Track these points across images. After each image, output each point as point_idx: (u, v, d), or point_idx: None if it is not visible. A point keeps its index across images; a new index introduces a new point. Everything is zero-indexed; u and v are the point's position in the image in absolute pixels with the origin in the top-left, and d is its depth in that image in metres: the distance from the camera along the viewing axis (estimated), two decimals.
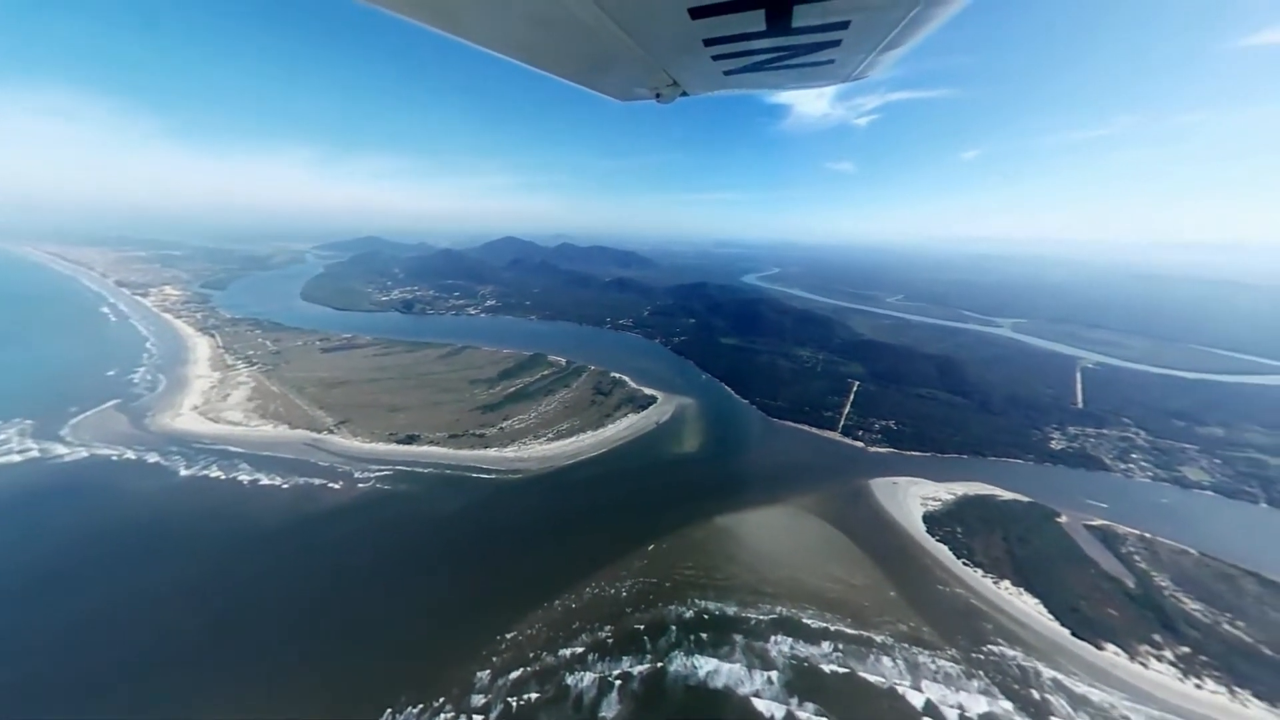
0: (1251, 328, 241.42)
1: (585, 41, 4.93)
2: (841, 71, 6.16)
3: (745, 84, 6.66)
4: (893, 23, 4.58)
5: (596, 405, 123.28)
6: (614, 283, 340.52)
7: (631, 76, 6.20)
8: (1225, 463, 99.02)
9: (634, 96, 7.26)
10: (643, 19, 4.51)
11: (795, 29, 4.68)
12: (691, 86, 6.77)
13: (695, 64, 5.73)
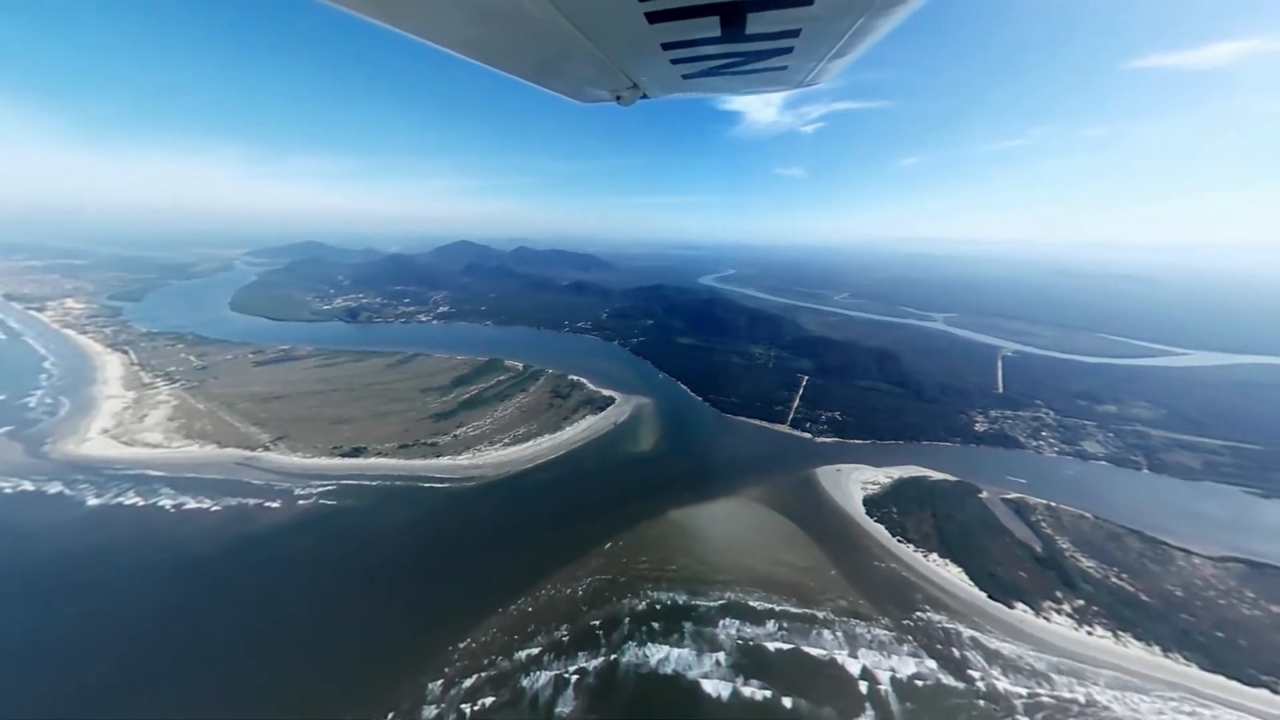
0: (1144, 317, 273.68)
1: (541, 42, 4.85)
2: (794, 77, 6.36)
3: (703, 88, 6.74)
4: (840, 32, 4.80)
5: (554, 408, 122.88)
6: (572, 286, 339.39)
7: (590, 78, 6.13)
8: (1116, 436, 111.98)
9: (594, 98, 7.16)
10: (601, 22, 4.49)
11: (750, 35, 4.81)
12: (651, 89, 6.77)
13: (654, 67, 5.78)
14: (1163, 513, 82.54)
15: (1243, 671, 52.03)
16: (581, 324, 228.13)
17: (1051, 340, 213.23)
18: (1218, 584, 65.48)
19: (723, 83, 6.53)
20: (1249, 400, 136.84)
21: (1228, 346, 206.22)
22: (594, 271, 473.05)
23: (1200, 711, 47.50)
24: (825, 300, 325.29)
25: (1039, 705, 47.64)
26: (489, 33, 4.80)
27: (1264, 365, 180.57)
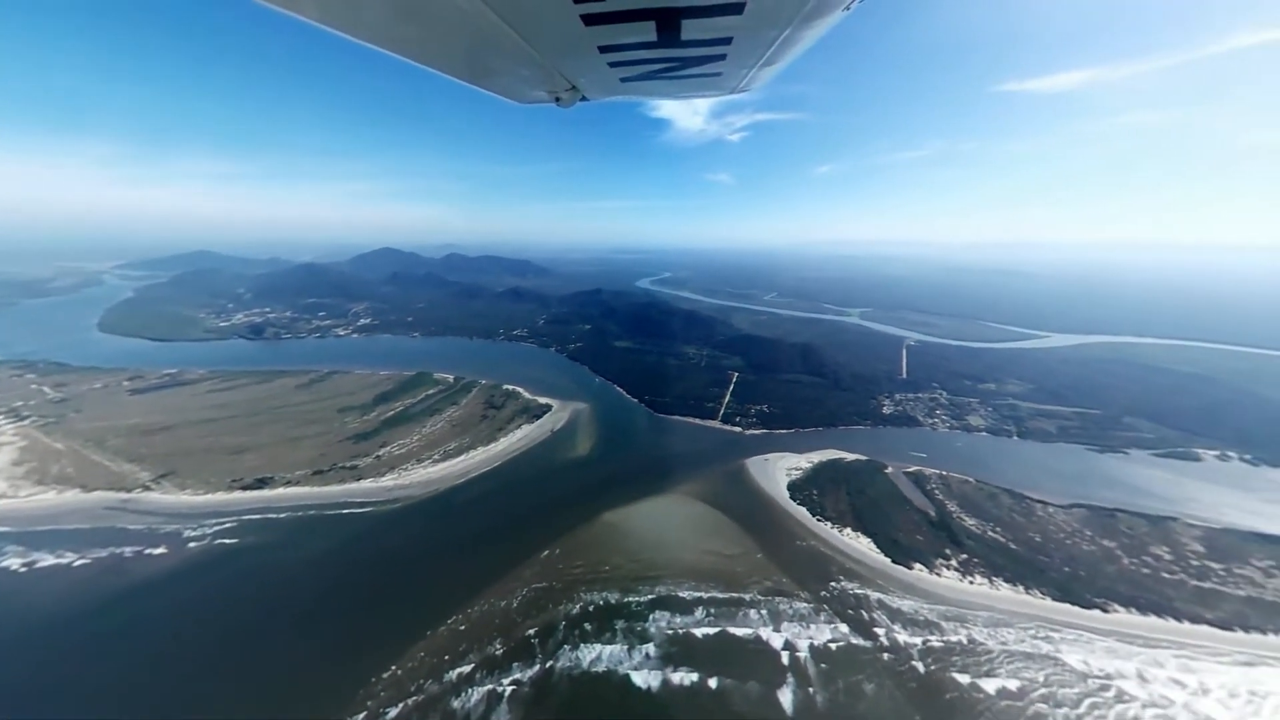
0: (1022, 306, 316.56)
1: (475, 40, 4.70)
2: (728, 83, 6.46)
3: (642, 91, 6.75)
4: (769, 41, 4.99)
5: (488, 420, 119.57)
6: (508, 293, 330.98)
7: (527, 79, 6.03)
8: (994, 410, 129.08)
9: (532, 99, 7.06)
10: (537, 22, 4.43)
11: (685, 41, 4.86)
12: (590, 91, 6.72)
13: (593, 70, 5.73)
14: (1027, 472, 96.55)
15: (1081, 597, 62.54)
16: (518, 331, 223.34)
17: (947, 330, 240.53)
18: (1066, 528, 77.95)
19: (661, 86, 6.66)
20: (1094, 373, 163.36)
21: (1080, 329, 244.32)
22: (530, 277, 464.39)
23: (1051, 634, 56.47)
24: (755, 300, 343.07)
25: (930, 650, 54.14)
26: (417, 29, 4.56)
27: (1106, 344, 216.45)
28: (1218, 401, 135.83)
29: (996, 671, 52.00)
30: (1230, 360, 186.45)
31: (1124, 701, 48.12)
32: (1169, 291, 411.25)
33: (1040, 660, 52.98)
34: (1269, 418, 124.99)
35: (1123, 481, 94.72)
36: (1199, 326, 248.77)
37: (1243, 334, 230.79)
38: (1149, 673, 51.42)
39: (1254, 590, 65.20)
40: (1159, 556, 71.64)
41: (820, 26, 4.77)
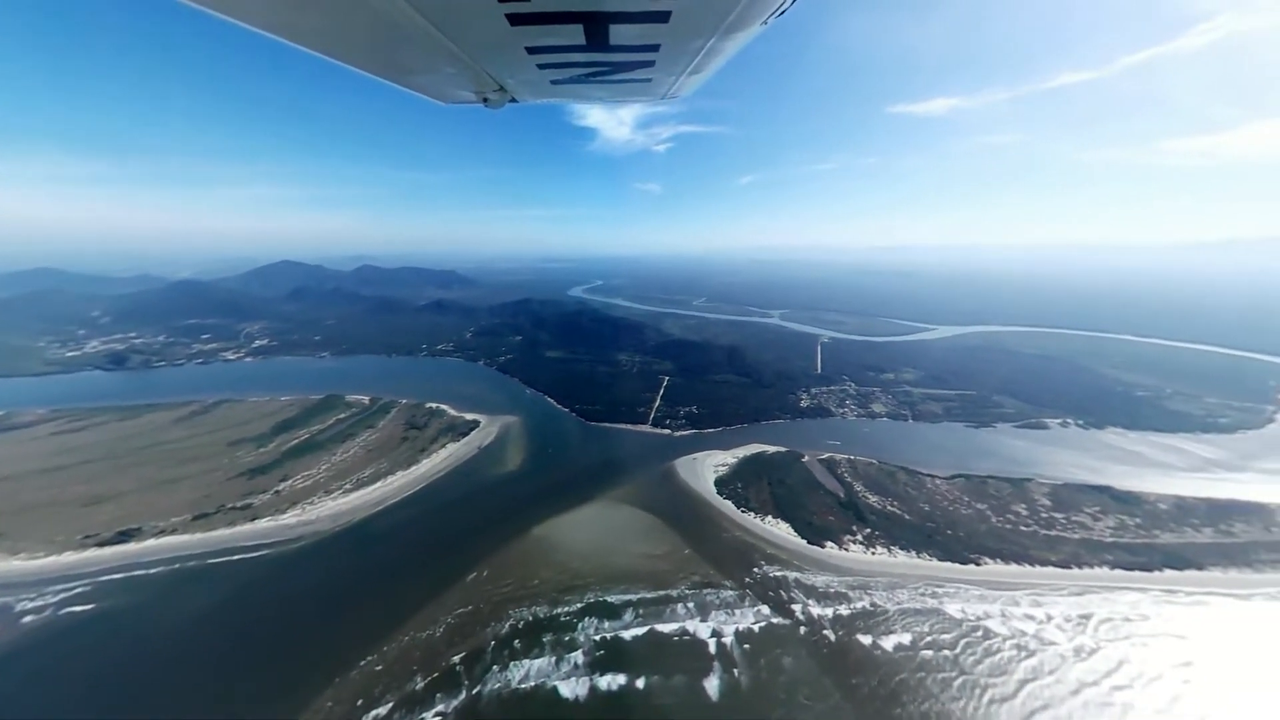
0: (914, 302, 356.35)
1: (394, 37, 4.43)
2: (658, 89, 6.45)
3: (572, 94, 6.64)
4: (695, 50, 5.08)
5: (409, 442, 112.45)
6: (431, 305, 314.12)
7: (452, 78, 5.78)
8: (893, 397, 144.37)
9: (458, 99, 6.81)
10: (459, 21, 4.26)
11: (613, 46, 4.84)
12: (520, 93, 6.58)
13: (522, 71, 5.63)
14: (919, 450, 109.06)
15: (959, 555, 71.89)
16: (442, 346, 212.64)
17: (854, 326, 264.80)
18: (949, 496, 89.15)
19: (592, 90, 6.57)
20: (970, 359, 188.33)
21: (960, 321, 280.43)
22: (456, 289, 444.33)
23: (936, 590, 64.27)
24: (685, 305, 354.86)
25: (839, 619, 59.30)
26: (326, 21, 4.27)
27: (980, 333, 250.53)
28: (1061, 378, 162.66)
29: (893, 629, 58.15)
30: (1072, 343, 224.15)
31: (990, 638, 56.04)
32: (1025, 286, 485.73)
33: (927, 614, 60.08)
34: (1100, 389, 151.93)
35: (992, 452, 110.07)
36: (1048, 315, 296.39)
37: (1081, 320, 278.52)
38: (1009, 611, 60.32)
39: (1086, 533, 78.87)
40: (1018, 513, 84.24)
41: (741, 39, 5.00)
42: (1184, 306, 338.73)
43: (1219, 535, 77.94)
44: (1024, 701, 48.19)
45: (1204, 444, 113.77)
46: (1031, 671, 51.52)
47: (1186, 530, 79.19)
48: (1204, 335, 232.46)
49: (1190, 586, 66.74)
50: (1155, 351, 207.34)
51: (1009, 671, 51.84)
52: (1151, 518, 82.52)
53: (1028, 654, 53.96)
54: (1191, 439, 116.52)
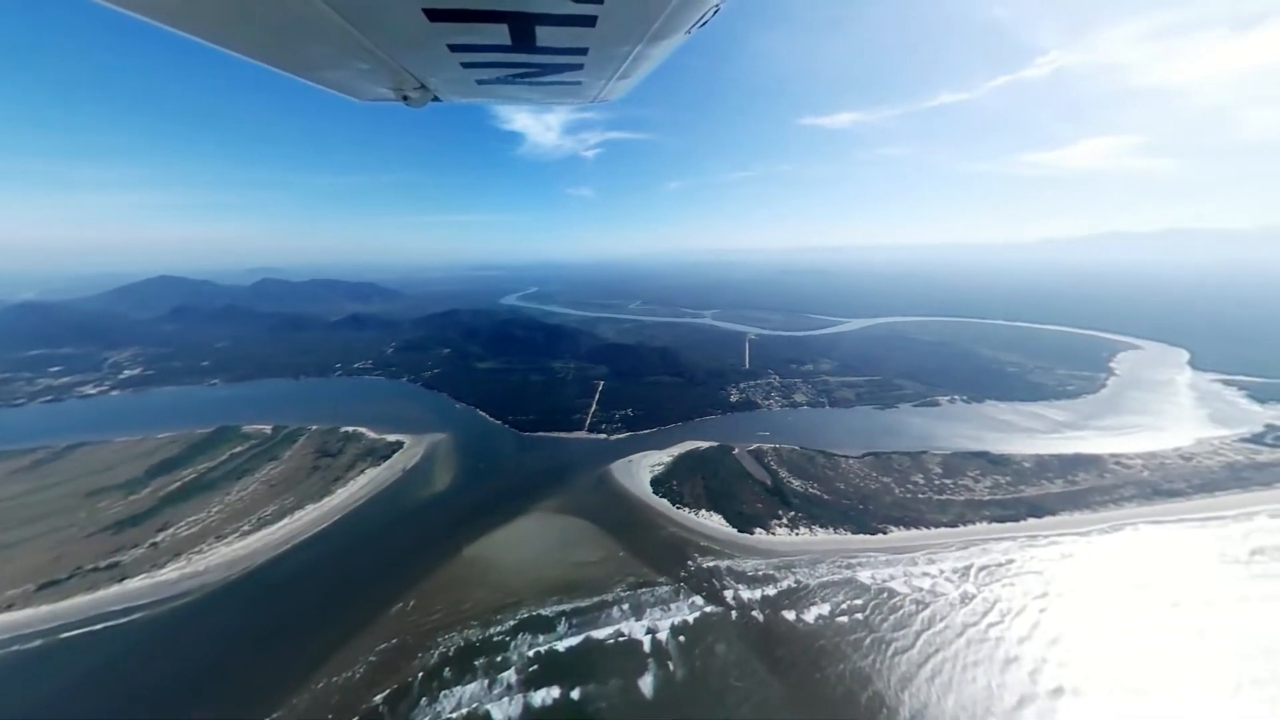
0: (829, 299, 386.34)
1: (301, 30, 4.10)
2: (589, 92, 6.39)
3: (500, 95, 6.46)
4: (624, 55, 5.07)
5: (320, 471, 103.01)
6: (346, 321, 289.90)
7: (367, 74, 5.38)
8: (813, 386, 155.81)
9: (375, 97, 6.42)
10: (373, 15, 4.01)
11: (541, 48, 4.75)
12: (444, 92, 6.32)
13: (444, 70, 5.38)
14: (835, 433, 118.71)
15: (869, 527, 79.38)
16: (360, 364, 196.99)
17: (779, 323, 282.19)
18: (860, 473, 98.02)
19: (521, 91, 6.43)
20: (877, 348, 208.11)
21: (867, 314, 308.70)
22: (376, 302, 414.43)
23: (850, 561, 70.44)
24: (621, 309, 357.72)
25: (767, 600, 63.02)
26: (225, 10, 3.93)
27: (884, 324, 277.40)
28: (949, 360, 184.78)
29: (815, 602, 62.86)
30: (957, 329, 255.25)
31: (894, 598, 62.50)
32: (919, 280, 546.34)
33: (842, 584, 65.68)
34: (979, 368, 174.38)
35: (896, 430, 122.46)
36: (939, 306, 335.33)
37: (964, 309, 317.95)
38: (909, 572, 67.63)
39: (969, 494, 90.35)
40: (917, 483, 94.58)
41: (666, 46, 5.08)
42: (1041, 294, 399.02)
43: (1067, 485, 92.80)
44: (920, 649, 54.33)
45: (1056, 409, 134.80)
46: (926, 622, 58.20)
47: (1044, 483, 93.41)
48: (1057, 318, 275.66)
49: (1047, 530, 78.82)
50: (1021, 333, 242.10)
51: (909, 625, 58.15)
52: (1018, 475, 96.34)
53: (924, 607, 60.86)
54: (1047, 405, 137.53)
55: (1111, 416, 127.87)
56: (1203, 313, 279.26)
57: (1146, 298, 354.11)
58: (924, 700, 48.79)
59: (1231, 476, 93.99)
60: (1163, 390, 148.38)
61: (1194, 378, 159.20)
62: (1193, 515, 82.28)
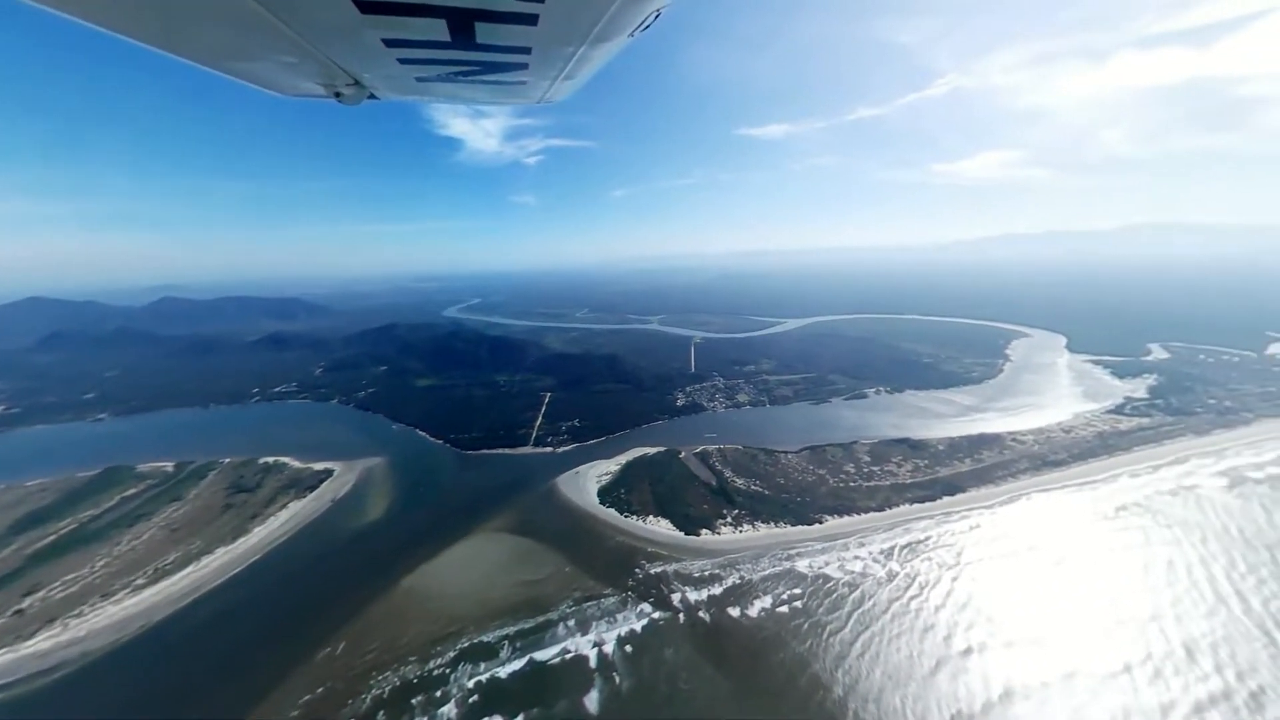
0: (768, 300, 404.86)
1: (210, 12, 3.72)
2: (533, 93, 6.25)
3: (441, 93, 6.18)
4: (567, 56, 4.96)
5: (234, 510, 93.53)
6: (265, 341, 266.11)
7: (295, 68, 4.99)
8: (754, 386, 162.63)
9: (302, 92, 5.94)
10: (298, 5, 3.69)
11: (482, 45, 4.59)
12: (381, 90, 6.00)
13: (380, 66, 5.11)
14: (775, 431, 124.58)
15: (806, 518, 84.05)
16: (282, 388, 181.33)
17: (722, 325, 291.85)
18: (798, 467, 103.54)
19: (463, 90, 6.21)
20: (812, 346, 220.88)
21: (803, 314, 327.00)
22: (301, 319, 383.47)
23: (789, 553, 74.14)
24: (567, 318, 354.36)
25: (713, 600, 64.83)
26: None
27: (818, 322, 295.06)
28: (875, 354, 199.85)
29: (758, 596, 65.49)
30: (881, 325, 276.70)
31: (829, 583, 66.59)
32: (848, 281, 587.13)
33: (783, 575, 68.98)
34: (900, 360, 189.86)
35: (829, 423, 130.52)
36: (865, 304, 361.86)
37: (887, 306, 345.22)
38: (842, 557, 72.33)
39: (893, 479, 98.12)
40: (848, 472, 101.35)
41: (610, 48, 5.03)
42: (950, 290, 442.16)
43: (974, 463, 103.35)
44: (852, 628, 58.24)
45: (964, 394, 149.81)
46: (857, 602, 62.49)
47: (955, 463, 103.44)
48: (963, 311, 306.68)
49: (959, 507, 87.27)
50: (934, 326, 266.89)
51: (842, 607, 62.14)
52: (934, 458, 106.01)
53: (854, 589, 65.30)
54: (957, 391, 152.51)
55: (1008, 398, 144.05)
56: (1076, 302, 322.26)
57: (1033, 291, 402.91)
58: (856, 675, 52.32)
59: (1101, 444, 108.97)
60: (1047, 372, 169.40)
61: (1071, 359, 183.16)
62: (1073, 481, 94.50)
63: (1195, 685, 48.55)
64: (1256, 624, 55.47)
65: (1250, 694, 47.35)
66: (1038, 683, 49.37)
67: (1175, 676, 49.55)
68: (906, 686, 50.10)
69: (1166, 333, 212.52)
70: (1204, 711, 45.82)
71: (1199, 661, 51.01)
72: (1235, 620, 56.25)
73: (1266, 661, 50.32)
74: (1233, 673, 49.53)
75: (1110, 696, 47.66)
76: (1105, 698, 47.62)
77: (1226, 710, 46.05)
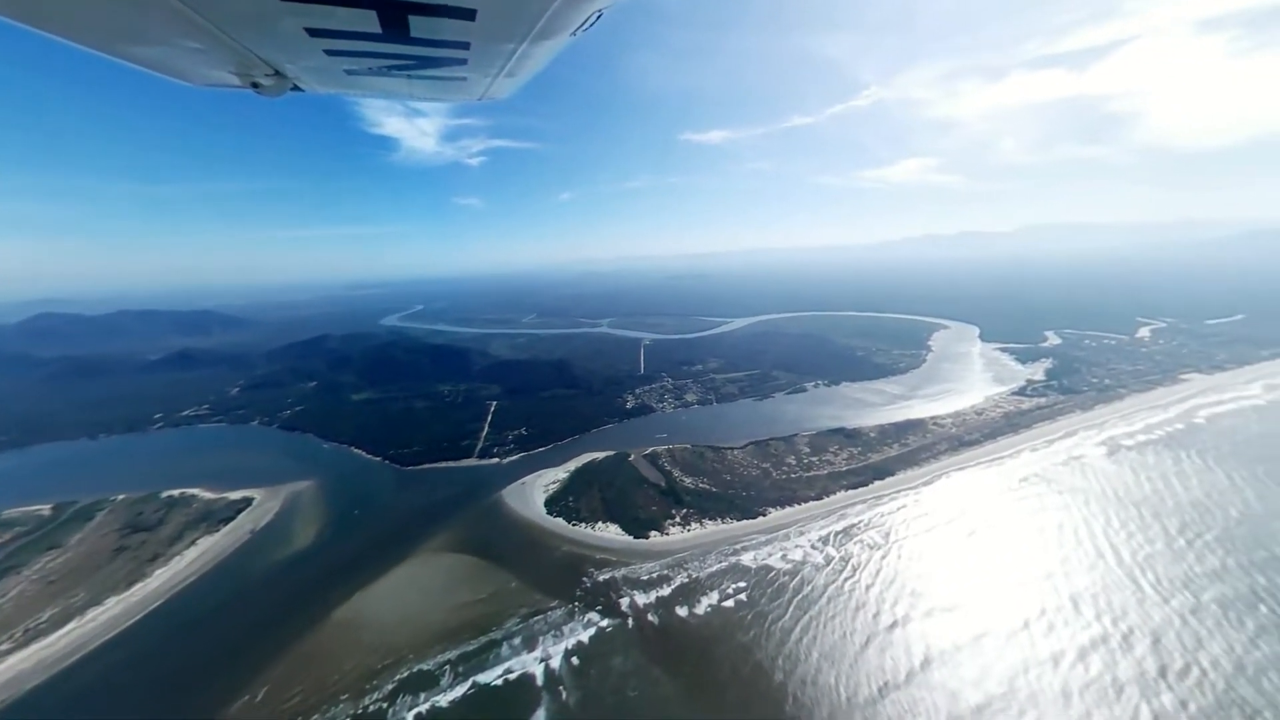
0: (715, 301, 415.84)
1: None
2: (474, 89, 6.11)
3: (373, 87, 5.91)
4: (508, 53, 4.85)
5: (129, 553, 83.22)
6: (171, 359, 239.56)
7: (205, 56, 4.60)
8: (702, 385, 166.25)
9: (213, 82, 5.49)
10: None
11: (417, 39, 4.40)
12: (306, 82, 5.68)
13: (304, 57, 4.80)
14: (722, 428, 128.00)
15: (751, 512, 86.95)
16: (191, 411, 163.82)
17: (671, 327, 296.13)
18: (743, 463, 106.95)
19: (398, 85, 5.90)
20: (755, 344, 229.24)
21: (747, 313, 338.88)
22: (215, 333, 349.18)
23: (735, 548, 76.34)
24: (515, 324, 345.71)
25: (661, 602, 65.44)
26: None
27: (761, 321, 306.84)
28: (814, 349, 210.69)
29: (705, 593, 66.83)
30: (819, 321, 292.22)
31: (771, 573, 69.28)
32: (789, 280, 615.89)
33: (729, 570, 70.92)
34: (837, 354, 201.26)
35: (773, 418, 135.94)
36: (804, 301, 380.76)
37: (824, 303, 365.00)
38: (785, 547, 75.50)
39: (831, 468, 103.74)
40: (790, 464, 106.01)
41: (552, 46, 4.90)
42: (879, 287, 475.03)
43: (901, 448, 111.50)
44: (792, 614, 60.92)
45: (893, 384, 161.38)
46: (796, 590, 65.45)
47: (885, 449, 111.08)
48: (891, 306, 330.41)
49: (889, 490, 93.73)
50: (866, 321, 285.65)
51: (783, 595, 64.82)
52: (867, 445, 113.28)
53: (795, 576, 68.36)
54: (887, 381, 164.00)
55: (931, 385, 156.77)
56: (986, 296, 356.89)
57: (950, 286, 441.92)
58: (795, 659, 54.71)
59: (1007, 424, 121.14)
60: (963, 360, 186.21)
61: (983, 348, 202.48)
62: (984, 459, 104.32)
63: (1080, 633, 55.11)
64: (1127, 574, 63.88)
65: (1122, 636, 54.43)
66: (952, 646, 54.02)
67: (1064, 627, 55.99)
68: (840, 664, 53.06)
69: (1059, 321, 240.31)
70: (1087, 656, 52.09)
71: (1082, 611, 57.97)
72: (1110, 571, 64.50)
73: (1134, 606, 58.10)
74: (1109, 619, 56.71)
75: (1012, 652, 53.05)
76: (1008, 654, 52.94)
77: (1104, 652, 52.65)
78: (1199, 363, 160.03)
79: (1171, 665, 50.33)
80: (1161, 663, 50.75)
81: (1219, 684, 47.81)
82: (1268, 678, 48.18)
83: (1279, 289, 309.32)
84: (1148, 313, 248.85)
